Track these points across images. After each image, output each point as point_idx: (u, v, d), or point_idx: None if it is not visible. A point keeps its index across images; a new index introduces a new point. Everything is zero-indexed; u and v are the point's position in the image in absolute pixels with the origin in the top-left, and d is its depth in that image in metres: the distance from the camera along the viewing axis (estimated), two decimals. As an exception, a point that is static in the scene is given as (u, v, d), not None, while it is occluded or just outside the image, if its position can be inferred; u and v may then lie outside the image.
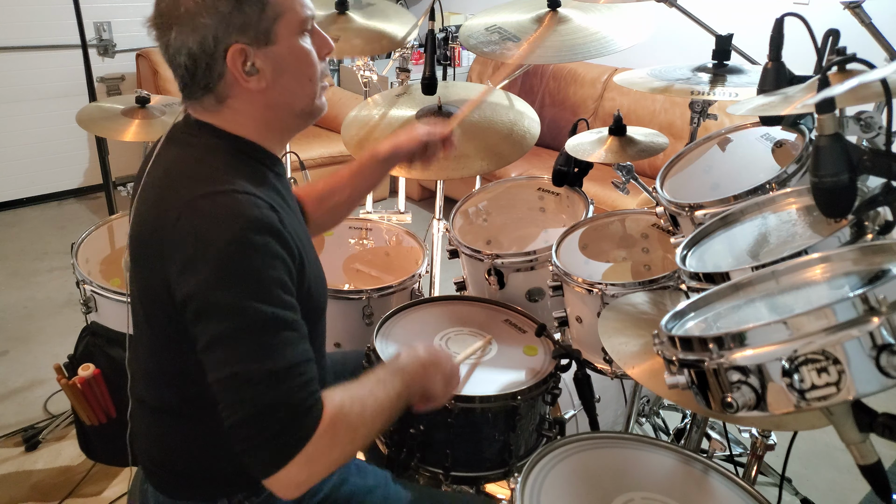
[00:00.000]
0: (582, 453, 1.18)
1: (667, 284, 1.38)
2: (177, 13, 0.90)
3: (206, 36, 0.91)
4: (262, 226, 0.89)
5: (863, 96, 0.85)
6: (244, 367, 0.86)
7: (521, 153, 1.72)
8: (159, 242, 0.91)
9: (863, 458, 0.76)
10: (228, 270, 0.87)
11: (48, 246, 3.62)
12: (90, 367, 1.71)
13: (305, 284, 0.99)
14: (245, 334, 0.87)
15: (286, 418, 0.87)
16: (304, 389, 0.89)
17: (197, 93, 0.97)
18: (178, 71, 0.95)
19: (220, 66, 0.93)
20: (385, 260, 2.10)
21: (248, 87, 0.95)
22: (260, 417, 0.86)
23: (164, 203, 0.93)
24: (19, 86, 3.87)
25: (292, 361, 0.89)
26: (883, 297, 0.62)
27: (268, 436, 0.86)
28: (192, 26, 0.90)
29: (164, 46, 0.94)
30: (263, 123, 1.01)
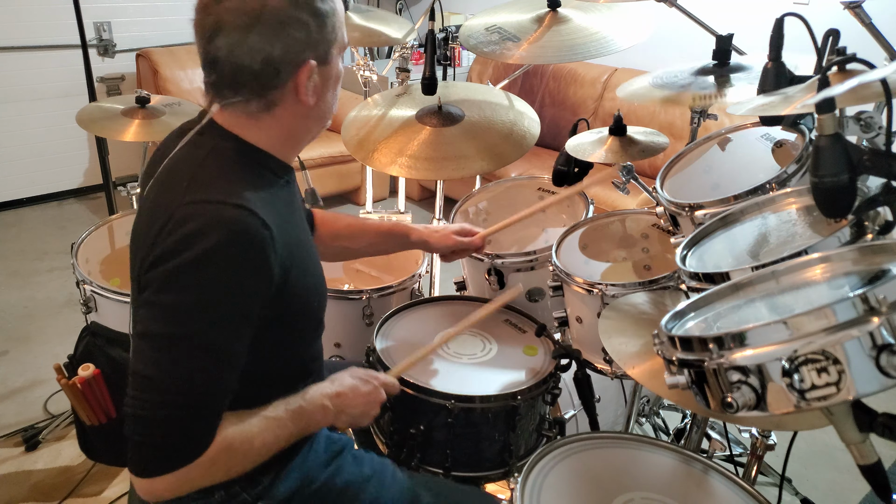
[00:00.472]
0: (582, 453, 1.18)
1: (667, 284, 1.38)
2: (266, 20, 0.91)
3: (290, 47, 0.93)
4: (242, 244, 0.90)
5: (863, 96, 0.85)
6: (161, 373, 0.88)
7: (521, 153, 1.72)
8: (151, 239, 0.92)
9: (863, 458, 0.76)
10: (192, 279, 0.88)
11: (48, 246, 3.62)
12: (90, 367, 1.71)
13: (291, 296, 0.99)
14: (175, 345, 0.88)
15: (175, 437, 0.89)
16: (204, 420, 0.91)
17: (243, 95, 0.96)
18: (237, 70, 0.93)
19: (285, 76, 0.95)
20: (385, 260, 2.09)
21: (303, 100, 0.98)
22: (153, 424, 0.88)
23: (160, 202, 0.95)
24: (19, 86, 3.87)
25: (208, 390, 0.90)
26: (883, 297, 0.62)
27: (152, 443, 0.88)
28: (278, 34, 0.92)
29: (231, 44, 0.92)
30: (293, 134, 1.04)
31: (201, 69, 0.98)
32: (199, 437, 0.90)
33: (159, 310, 0.89)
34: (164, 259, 0.89)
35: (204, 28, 0.93)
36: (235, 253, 0.89)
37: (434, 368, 1.40)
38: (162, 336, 0.88)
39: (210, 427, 0.91)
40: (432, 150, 1.71)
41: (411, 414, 1.34)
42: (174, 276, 0.88)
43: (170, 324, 0.88)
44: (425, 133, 1.75)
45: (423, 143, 1.73)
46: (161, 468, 0.89)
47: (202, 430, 0.91)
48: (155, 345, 0.89)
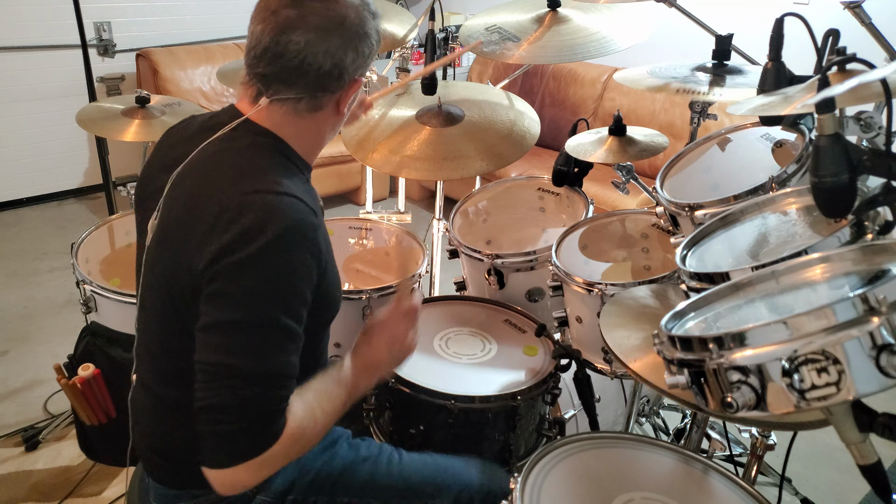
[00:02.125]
0: (582, 453, 1.18)
1: (667, 284, 1.38)
2: (347, 27, 0.97)
3: (356, 60, 1.00)
4: (303, 232, 0.93)
5: (863, 96, 0.85)
6: (236, 360, 0.89)
7: (521, 153, 1.72)
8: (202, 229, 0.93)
9: (863, 458, 0.76)
10: (261, 267, 0.90)
11: (48, 246, 3.62)
12: (90, 367, 1.71)
13: (324, 288, 1.02)
14: (249, 331, 0.90)
15: (256, 421, 0.90)
16: (281, 401, 0.93)
17: (300, 92, 0.99)
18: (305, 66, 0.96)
19: (340, 85, 1.01)
20: (385, 260, 2.09)
21: (342, 111, 1.05)
22: (233, 410, 0.89)
23: (206, 194, 0.95)
24: (19, 86, 3.87)
25: (281, 371, 0.92)
26: (883, 297, 0.62)
27: (237, 429, 0.89)
28: (353, 45, 0.98)
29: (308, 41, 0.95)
30: (322, 139, 1.09)
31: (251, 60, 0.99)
32: (276, 420, 0.92)
33: (231, 299, 0.90)
34: (229, 251, 0.90)
35: (282, 19, 0.95)
36: (296, 240, 0.92)
37: (434, 368, 1.40)
38: (236, 322, 0.90)
39: (284, 410, 0.93)
40: (432, 150, 1.71)
41: (411, 414, 1.34)
42: (243, 266, 0.90)
43: (243, 310, 0.90)
44: (425, 133, 1.75)
45: (423, 143, 1.73)
46: (244, 454, 0.90)
47: (278, 413, 0.92)
48: (230, 332, 0.90)
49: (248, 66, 1.00)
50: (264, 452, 0.91)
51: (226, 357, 0.90)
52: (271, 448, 0.91)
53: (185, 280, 0.95)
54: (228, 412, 0.89)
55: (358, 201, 4.38)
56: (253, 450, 0.90)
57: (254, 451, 0.90)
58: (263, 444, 0.91)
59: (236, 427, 0.89)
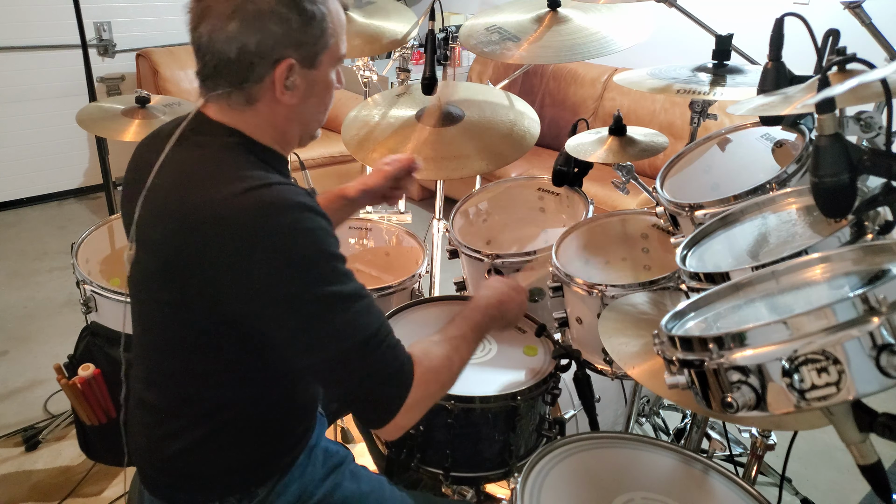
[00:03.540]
0: (582, 453, 1.18)
1: (667, 285, 1.38)
2: (247, 8, 0.91)
3: (265, 40, 0.92)
4: (310, 209, 0.91)
5: (863, 96, 0.85)
6: (330, 350, 0.91)
7: (521, 153, 1.72)
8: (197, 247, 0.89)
9: (863, 458, 0.76)
10: (290, 259, 0.88)
11: (48, 246, 3.62)
12: (90, 367, 1.71)
13: None
14: (321, 318, 0.90)
15: (384, 384, 0.94)
16: (390, 351, 0.95)
17: (223, 86, 0.96)
18: (215, 58, 0.94)
19: (262, 70, 0.94)
20: (385, 260, 2.09)
21: (281, 98, 0.97)
22: (359, 390, 0.94)
23: (191, 207, 0.90)
24: (19, 86, 3.87)
25: (371, 329, 0.93)
26: (883, 297, 0.62)
27: (371, 401, 0.95)
28: (257, 27, 0.91)
29: (212, 31, 0.92)
30: (279, 130, 1.02)
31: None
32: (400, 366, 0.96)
33: (291, 303, 0.89)
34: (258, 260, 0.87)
35: (192, 14, 0.94)
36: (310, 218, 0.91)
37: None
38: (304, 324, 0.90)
39: (399, 352, 0.97)
40: (432, 150, 1.71)
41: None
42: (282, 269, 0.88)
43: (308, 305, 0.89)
44: (425, 133, 1.75)
45: (423, 143, 1.73)
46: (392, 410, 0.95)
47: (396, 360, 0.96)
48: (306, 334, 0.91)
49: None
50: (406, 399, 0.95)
51: (319, 354, 0.91)
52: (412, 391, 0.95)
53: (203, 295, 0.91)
54: (356, 394, 0.94)
55: (358, 201, 4.37)
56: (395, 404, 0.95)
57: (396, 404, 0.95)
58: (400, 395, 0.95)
59: (371, 399, 0.94)
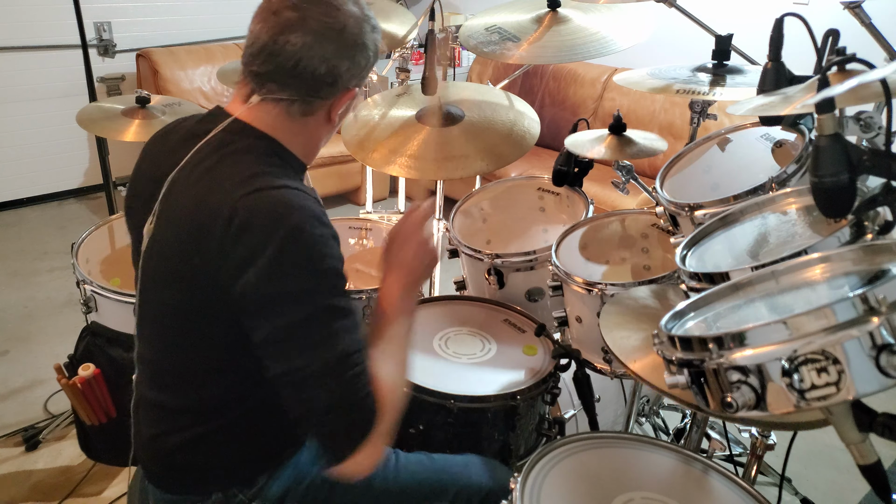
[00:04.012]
0: (582, 453, 1.18)
1: (667, 284, 1.38)
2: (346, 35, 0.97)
3: (353, 69, 1.00)
4: (317, 217, 0.93)
5: (863, 96, 0.85)
6: (309, 358, 0.90)
7: (521, 153, 1.72)
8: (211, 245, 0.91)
9: (863, 458, 0.76)
10: (288, 261, 0.89)
11: (48, 246, 3.62)
12: (90, 367, 1.71)
13: None
14: (304, 325, 0.90)
15: (354, 406, 0.92)
16: (362, 376, 0.93)
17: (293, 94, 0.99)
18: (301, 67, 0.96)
19: (335, 91, 1.01)
20: (385, 260, 2.09)
21: (333, 119, 1.05)
22: (330, 408, 0.92)
23: (209, 203, 0.93)
24: (19, 86, 3.87)
25: (350, 349, 0.92)
26: (883, 297, 0.62)
27: (342, 423, 0.92)
28: (350, 54, 0.99)
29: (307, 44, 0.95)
30: (313, 146, 1.08)
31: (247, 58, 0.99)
32: (366, 395, 0.93)
33: (278, 305, 0.90)
34: (253, 257, 0.89)
35: (282, 20, 0.95)
36: (314, 225, 0.92)
37: (434, 368, 1.40)
38: (294, 324, 0.90)
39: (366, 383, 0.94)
40: (432, 150, 1.71)
41: (411, 413, 1.34)
42: (274, 268, 0.89)
43: (295, 309, 0.90)
44: (425, 133, 1.75)
45: (423, 143, 1.73)
46: (362, 435, 0.92)
47: (364, 389, 0.93)
48: (291, 337, 0.90)
49: (245, 64, 1.00)
50: (374, 429, 0.93)
51: (298, 361, 0.90)
52: (376, 419, 0.93)
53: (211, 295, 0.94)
54: (327, 412, 0.91)
55: (358, 201, 4.38)
56: (365, 429, 0.93)
57: (366, 429, 0.93)
58: (370, 421, 0.93)
59: (341, 419, 0.92)
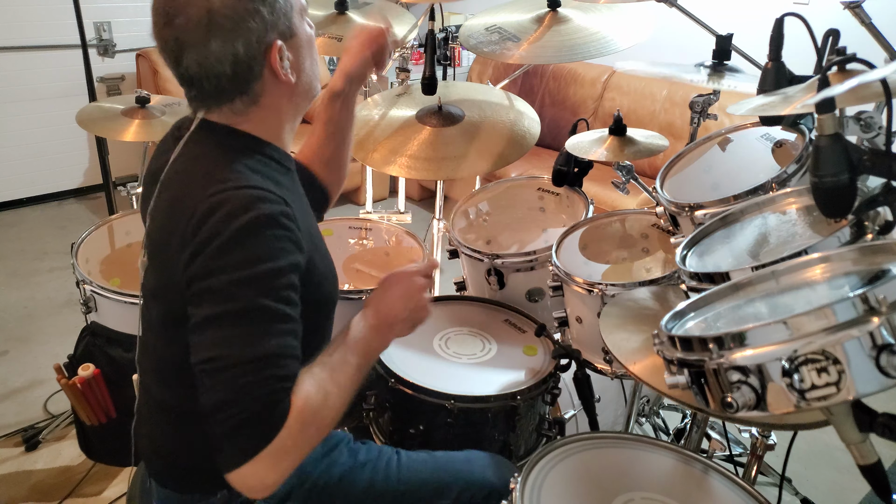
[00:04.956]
0: (582, 453, 1.17)
1: (667, 285, 1.38)
2: (218, 23, 0.91)
3: (250, 39, 0.93)
4: (273, 219, 0.91)
5: (863, 96, 0.85)
6: (227, 350, 0.87)
7: (521, 153, 1.72)
8: (177, 239, 0.93)
9: (863, 458, 0.76)
10: (232, 255, 0.89)
11: (48, 246, 3.62)
12: (90, 367, 1.71)
13: (315, 279, 1.01)
14: (234, 319, 0.88)
15: (255, 408, 0.86)
16: (277, 382, 0.89)
17: (230, 97, 0.98)
18: (213, 80, 0.95)
19: (259, 65, 0.96)
20: (385, 260, 2.09)
21: (284, 80, 0.99)
22: (232, 401, 0.86)
23: (179, 202, 0.95)
24: (19, 86, 3.87)
25: (274, 352, 0.89)
26: (883, 297, 0.62)
27: (238, 422, 0.86)
28: (237, 32, 0.92)
29: (199, 59, 0.93)
30: (286, 117, 1.04)
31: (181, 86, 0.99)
32: (278, 402, 0.88)
33: (212, 294, 0.89)
34: (203, 247, 0.89)
35: (168, 51, 0.94)
36: (268, 228, 0.91)
37: (434, 368, 1.40)
38: (221, 315, 0.89)
39: (285, 390, 0.89)
40: (432, 150, 1.71)
41: (411, 414, 1.34)
42: (218, 258, 0.89)
43: (225, 302, 0.89)
44: (425, 133, 1.75)
45: (423, 143, 1.73)
46: (255, 446, 0.86)
47: (278, 394, 0.88)
48: (213, 327, 0.89)
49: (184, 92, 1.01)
50: (273, 440, 0.86)
51: (217, 351, 0.88)
52: (280, 434, 0.87)
53: (173, 289, 0.95)
54: (230, 406, 0.86)
55: (358, 201, 4.38)
56: (262, 439, 0.86)
57: (263, 440, 0.86)
58: (270, 431, 0.87)
59: (240, 419, 0.86)
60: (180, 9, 0.91)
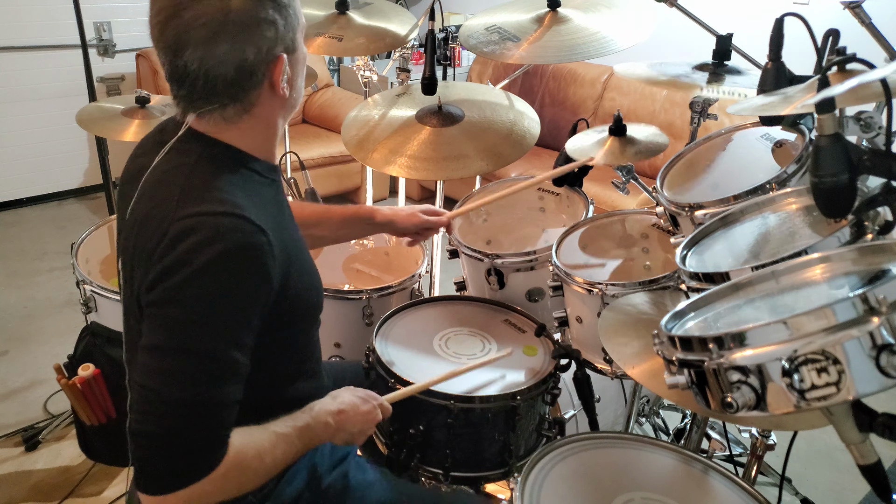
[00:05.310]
0: (582, 453, 1.18)
1: (667, 284, 1.38)
2: (233, 25, 0.89)
3: (261, 47, 0.92)
4: (242, 253, 0.89)
5: (863, 96, 0.85)
6: (165, 387, 0.86)
7: (521, 153, 1.72)
8: (146, 257, 0.91)
9: (863, 458, 0.76)
10: (193, 290, 0.87)
11: (48, 246, 3.62)
12: (90, 367, 1.71)
13: (291, 297, 0.99)
14: (183, 358, 0.87)
15: (184, 452, 0.87)
16: (214, 432, 0.89)
17: (222, 101, 0.95)
18: (210, 81, 0.92)
19: (261, 75, 0.94)
20: (385, 260, 2.09)
21: (280, 93, 0.97)
22: (161, 438, 0.86)
23: (153, 218, 0.93)
24: (19, 86, 3.87)
25: (215, 400, 0.88)
26: (883, 297, 0.62)
27: (160, 458, 0.86)
28: (250, 38, 0.90)
29: (201, 57, 0.90)
30: (272, 130, 1.03)
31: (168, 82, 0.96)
32: (210, 451, 0.88)
33: (163, 323, 0.88)
34: (166, 275, 0.87)
35: (167, 44, 0.91)
36: (236, 263, 0.88)
37: (434, 368, 1.40)
38: (166, 349, 0.87)
39: (220, 440, 0.89)
40: (432, 150, 1.71)
41: (411, 414, 1.34)
42: (178, 291, 0.87)
43: (174, 337, 0.87)
44: (425, 133, 1.75)
45: (423, 143, 1.73)
46: (171, 485, 0.86)
47: (212, 443, 0.89)
48: (159, 357, 0.88)
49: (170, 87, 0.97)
50: (193, 484, 0.86)
51: (155, 382, 0.86)
52: (204, 480, 0.87)
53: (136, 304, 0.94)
54: (156, 441, 0.86)
55: (358, 201, 4.38)
56: (175, 482, 0.86)
57: (176, 483, 0.86)
58: (186, 479, 0.86)
59: (159, 456, 0.86)
60: (192, 2, 0.88)
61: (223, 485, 0.90)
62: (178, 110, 0.99)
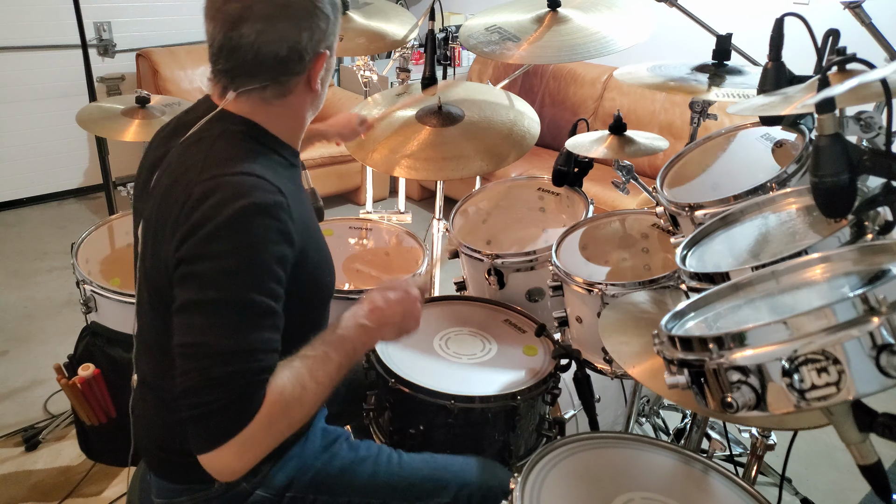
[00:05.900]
0: (582, 453, 1.18)
1: (667, 285, 1.38)
2: (294, 7, 0.96)
3: (314, 36, 0.99)
4: (265, 208, 0.93)
5: (863, 96, 0.85)
6: (207, 338, 0.89)
7: (521, 153, 1.72)
8: (171, 221, 0.95)
9: (863, 458, 0.76)
10: (221, 243, 0.90)
11: (48, 246, 3.61)
12: (90, 367, 1.71)
13: (308, 271, 1.02)
14: (217, 308, 0.90)
15: (229, 398, 0.88)
16: (255, 375, 0.90)
17: (263, 79, 0.99)
18: (262, 55, 0.96)
19: (307, 62, 1.01)
20: (385, 260, 2.09)
21: (315, 88, 1.05)
22: (205, 389, 0.88)
23: (177, 184, 0.97)
24: (19, 86, 3.86)
25: (253, 346, 0.91)
26: (883, 297, 0.62)
27: (208, 410, 0.88)
28: (307, 25, 0.98)
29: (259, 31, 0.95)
30: (300, 122, 1.09)
31: (211, 57, 1.00)
32: (253, 394, 0.90)
33: (198, 279, 0.91)
34: (193, 232, 0.91)
35: (227, 15, 0.96)
36: (258, 218, 0.92)
37: (434, 368, 1.40)
38: (204, 302, 0.90)
39: (262, 383, 0.91)
40: (432, 150, 1.71)
41: (411, 414, 1.34)
42: (205, 245, 0.90)
43: (206, 290, 0.90)
44: (425, 133, 1.75)
45: (423, 143, 1.73)
46: (224, 433, 0.88)
47: (254, 386, 0.90)
48: (194, 312, 0.90)
49: (211, 64, 1.01)
50: (243, 430, 0.88)
51: (196, 337, 0.89)
52: (250, 425, 0.89)
53: (163, 272, 0.96)
54: (203, 393, 0.88)
55: (358, 201, 4.38)
56: (231, 428, 0.88)
57: (231, 430, 0.88)
58: (239, 422, 0.88)
59: (212, 407, 0.88)
60: None
61: (271, 425, 0.91)
62: (216, 89, 1.03)
